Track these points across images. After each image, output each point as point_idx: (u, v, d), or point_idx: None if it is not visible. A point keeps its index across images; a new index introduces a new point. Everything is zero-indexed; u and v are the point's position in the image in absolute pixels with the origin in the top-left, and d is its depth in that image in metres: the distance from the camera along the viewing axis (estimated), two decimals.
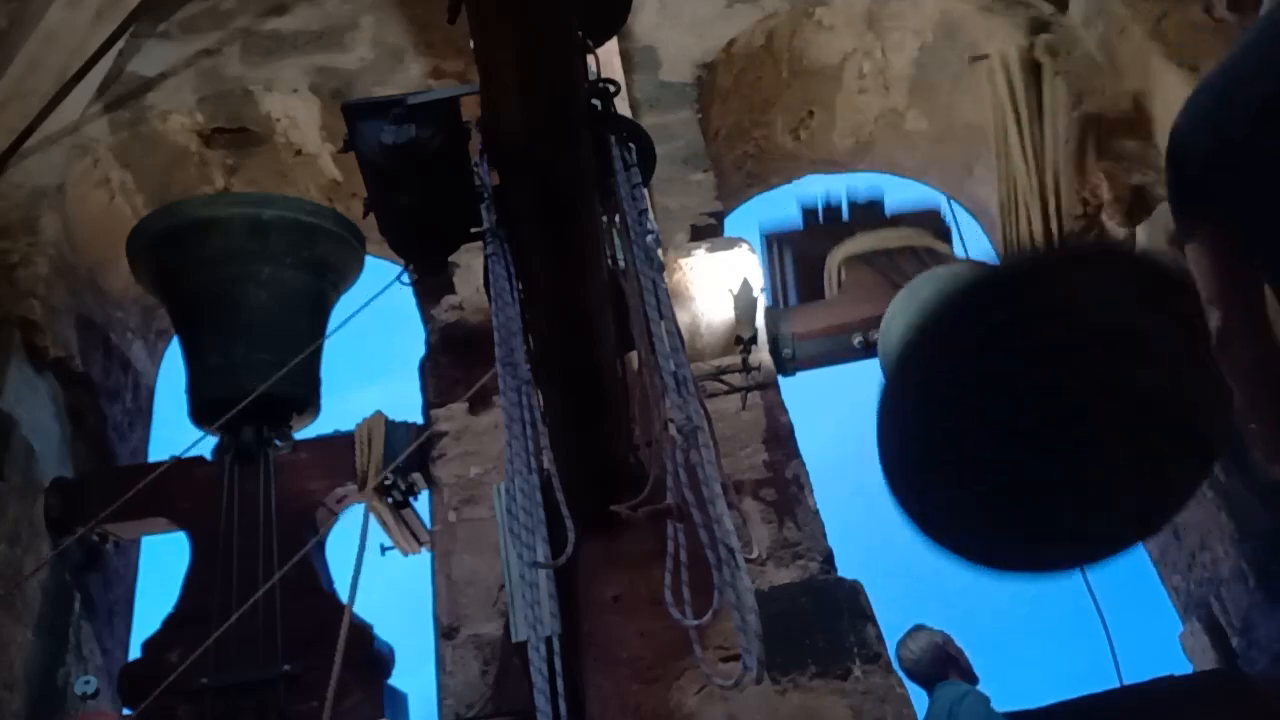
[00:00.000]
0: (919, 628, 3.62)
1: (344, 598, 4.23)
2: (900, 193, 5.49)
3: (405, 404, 5.05)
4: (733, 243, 4.15)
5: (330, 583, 4.27)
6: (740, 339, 3.88)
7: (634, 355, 2.45)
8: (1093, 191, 4.82)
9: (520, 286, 2.05)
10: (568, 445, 2.54)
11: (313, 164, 5.53)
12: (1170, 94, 4.56)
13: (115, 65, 5.23)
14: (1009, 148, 4.85)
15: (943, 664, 3.51)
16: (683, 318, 3.84)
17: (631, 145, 2.14)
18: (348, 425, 4.47)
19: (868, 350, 4.33)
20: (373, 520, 4.32)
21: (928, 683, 3.52)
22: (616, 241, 2.26)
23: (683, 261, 4.06)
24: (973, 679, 3.64)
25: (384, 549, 4.16)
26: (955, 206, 5.54)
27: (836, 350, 4.44)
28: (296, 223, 4.69)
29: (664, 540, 1.83)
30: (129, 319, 5.46)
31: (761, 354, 4.00)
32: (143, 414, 5.49)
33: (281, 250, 4.64)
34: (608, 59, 3.25)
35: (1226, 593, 4.35)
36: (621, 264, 2.25)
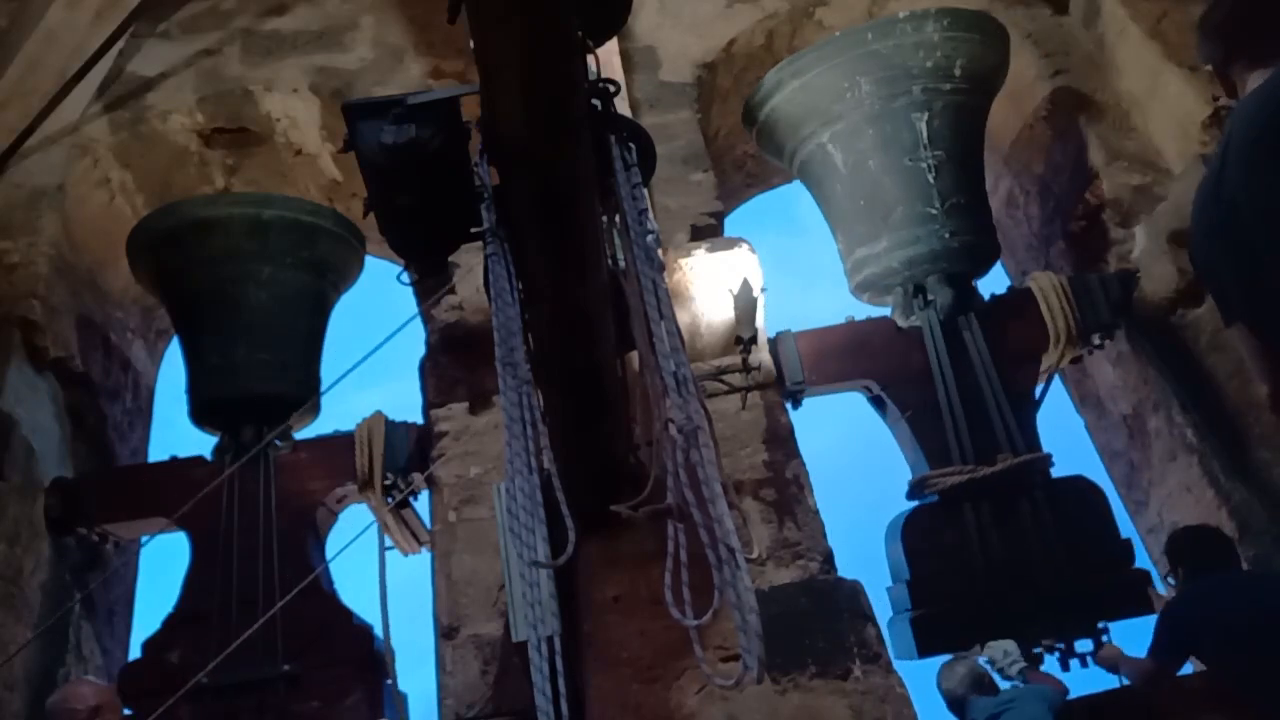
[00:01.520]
0: (958, 658, 3.66)
1: (344, 598, 4.25)
2: None
3: (405, 404, 5.06)
4: (733, 243, 4.15)
5: (330, 583, 4.27)
6: (740, 339, 3.88)
7: (634, 355, 2.45)
8: (1093, 191, 4.82)
9: (520, 286, 2.05)
10: (568, 445, 2.54)
11: (313, 164, 5.53)
12: (1170, 94, 4.57)
13: (115, 65, 5.23)
14: None
15: (980, 691, 3.55)
16: (683, 318, 3.83)
17: (631, 145, 2.13)
18: (348, 425, 4.47)
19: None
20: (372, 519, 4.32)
21: (963, 706, 3.56)
22: (616, 241, 2.26)
23: (683, 261, 4.06)
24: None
25: (384, 549, 4.15)
26: None
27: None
28: (296, 223, 4.70)
29: (664, 540, 1.83)
30: (129, 319, 5.46)
31: (762, 354, 4.00)
32: (143, 414, 5.49)
33: (281, 250, 4.64)
34: (608, 59, 3.25)
35: None
36: (621, 264, 2.24)
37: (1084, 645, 3.81)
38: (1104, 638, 3.81)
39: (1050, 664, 3.77)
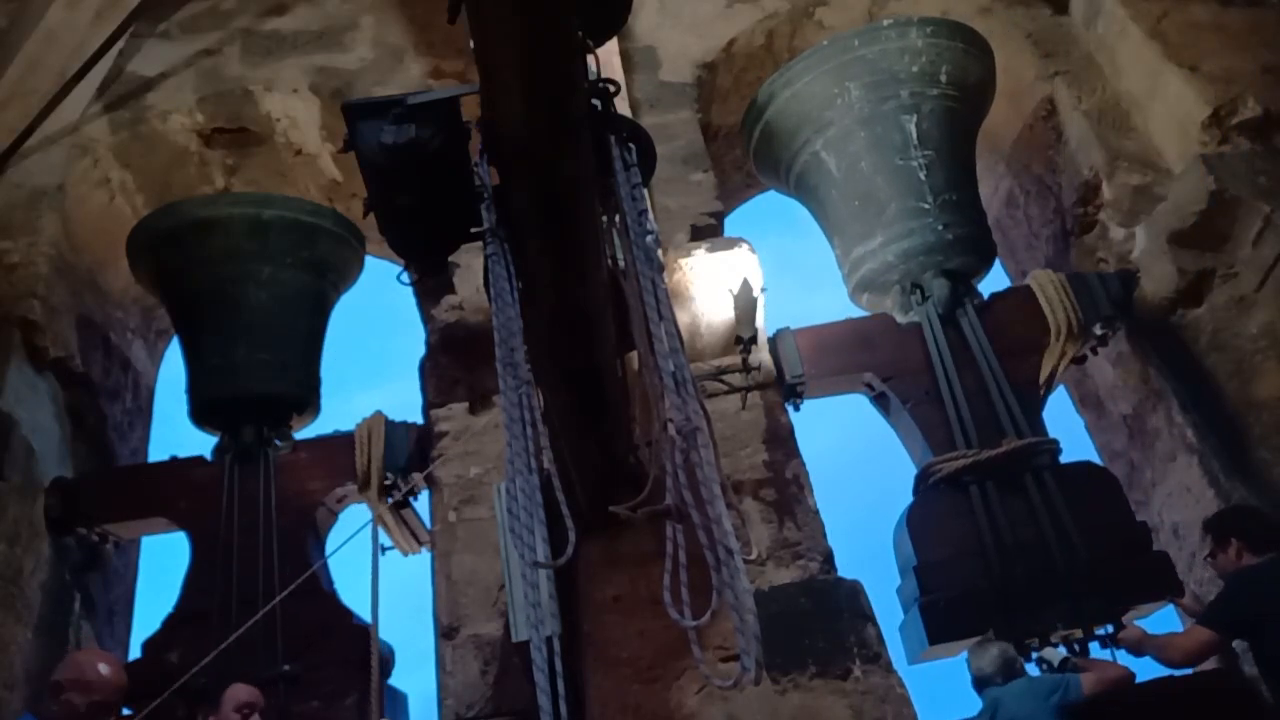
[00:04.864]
0: (989, 639, 3.55)
1: (344, 598, 4.25)
2: None
3: (405, 404, 5.06)
4: (733, 243, 4.15)
5: (330, 583, 4.27)
6: (740, 339, 3.88)
7: (634, 355, 2.45)
8: (1093, 191, 4.82)
9: (520, 286, 2.05)
10: (568, 445, 2.54)
11: (313, 164, 5.53)
12: (1170, 94, 4.56)
13: (115, 65, 5.23)
14: None
15: (1009, 674, 3.47)
16: (683, 318, 3.83)
17: (631, 145, 2.13)
18: (348, 425, 4.47)
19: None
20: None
21: (987, 687, 3.48)
22: (616, 241, 2.26)
23: (683, 261, 4.06)
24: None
25: (384, 549, 4.16)
26: None
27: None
28: (296, 223, 4.70)
29: (664, 540, 1.83)
30: (129, 319, 5.46)
31: (761, 354, 4.00)
32: (143, 414, 5.49)
33: (281, 250, 4.64)
34: (608, 59, 3.25)
35: None
36: (621, 264, 2.24)
37: (1103, 630, 3.70)
38: (1123, 618, 3.70)
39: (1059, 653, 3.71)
